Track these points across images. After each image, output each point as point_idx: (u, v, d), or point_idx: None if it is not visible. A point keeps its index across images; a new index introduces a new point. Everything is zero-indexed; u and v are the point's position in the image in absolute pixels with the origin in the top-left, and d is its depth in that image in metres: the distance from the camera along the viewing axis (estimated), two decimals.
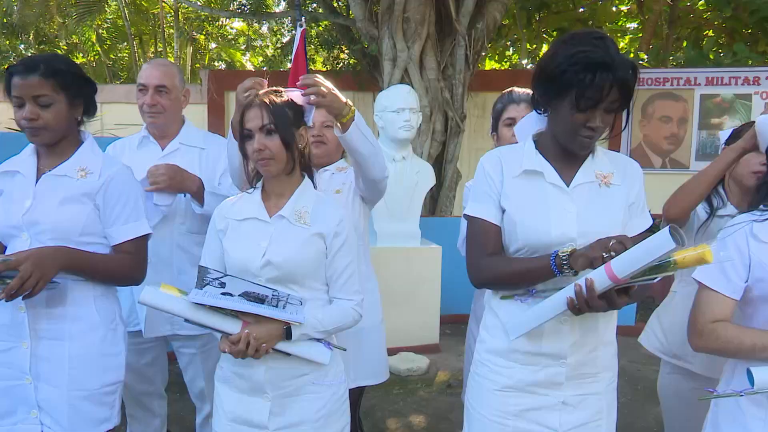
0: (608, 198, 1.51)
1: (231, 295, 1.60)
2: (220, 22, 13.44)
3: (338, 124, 1.94)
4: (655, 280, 1.31)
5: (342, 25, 6.65)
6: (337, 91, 1.87)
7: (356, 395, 2.65)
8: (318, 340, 1.70)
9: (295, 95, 1.77)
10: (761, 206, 1.58)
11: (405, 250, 4.38)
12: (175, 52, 12.78)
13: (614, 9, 10.81)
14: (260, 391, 1.70)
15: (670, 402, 2.17)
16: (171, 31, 12.92)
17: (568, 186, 1.51)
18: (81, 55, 13.50)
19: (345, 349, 1.80)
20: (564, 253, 1.38)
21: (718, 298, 1.53)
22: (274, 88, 1.77)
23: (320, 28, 8.00)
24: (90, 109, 1.88)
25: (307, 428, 1.71)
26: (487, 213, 1.55)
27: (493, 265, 1.53)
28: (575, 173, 1.52)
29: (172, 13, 12.77)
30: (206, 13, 10.58)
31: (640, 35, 10.40)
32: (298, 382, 1.71)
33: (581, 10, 9.78)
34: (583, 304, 1.33)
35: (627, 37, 11.91)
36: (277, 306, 1.61)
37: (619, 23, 11.33)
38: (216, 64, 16.76)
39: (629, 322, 4.76)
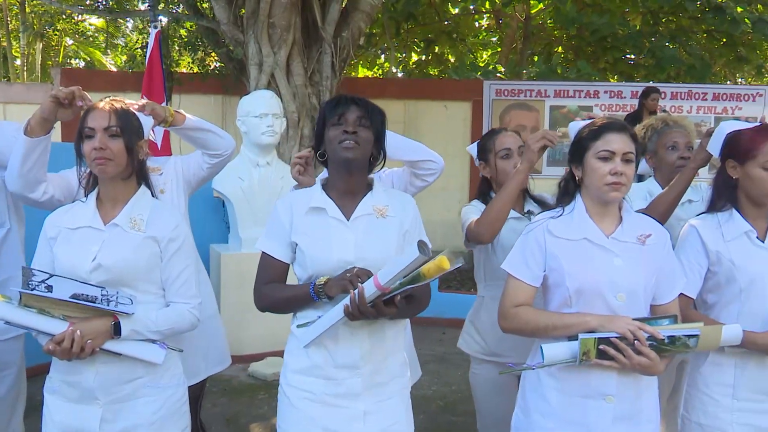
0: (384, 228, 1.70)
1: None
2: (77, 18, 12.55)
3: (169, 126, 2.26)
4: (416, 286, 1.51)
5: (207, 28, 6.50)
6: (155, 104, 2.18)
7: (196, 393, 2.66)
8: (153, 341, 1.70)
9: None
10: (558, 206, 1.81)
11: None
12: (21, 47, 11.73)
13: (476, 24, 11.51)
14: (91, 398, 1.67)
15: (482, 391, 2.31)
16: (18, 23, 11.86)
17: (348, 219, 1.69)
18: None
19: (182, 350, 1.81)
20: (319, 283, 1.60)
21: (521, 285, 1.75)
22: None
23: (183, 31, 7.76)
24: None
25: None
26: (273, 249, 1.72)
27: (269, 291, 1.71)
28: (355, 207, 1.71)
29: (18, 5, 11.72)
30: (55, 8, 9.80)
31: (499, 49, 11.16)
32: (132, 386, 1.70)
33: (446, 22, 10.32)
34: (356, 311, 1.51)
35: (489, 51, 12.73)
36: (108, 306, 1.59)
37: (480, 37, 12.07)
38: (74, 62, 15.62)
39: None
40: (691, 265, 1.87)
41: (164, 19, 7.18)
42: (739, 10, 7.42)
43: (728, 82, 11.07)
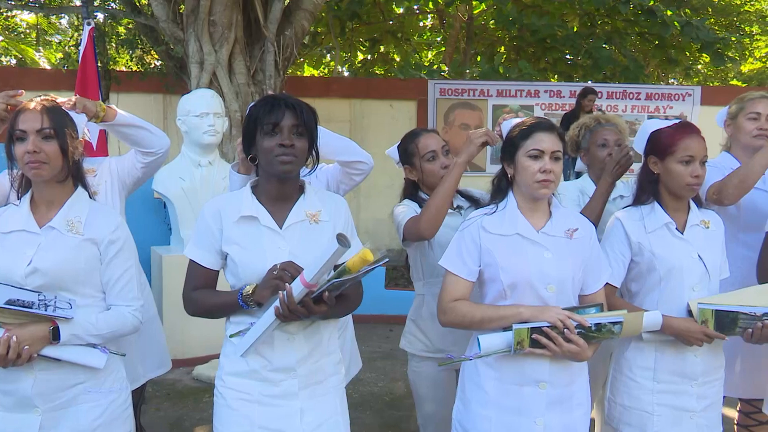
0: (317, 233, 1.69)
1: None
2: (8, 14, 11.97)
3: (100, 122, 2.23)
4: (341, 287, 1.55)
5: (145, 25, 6.33)
6: (85, 99, 2.14)
7: (135, 398, 2.60)
8: (94, 346, 1.66)
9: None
10: (492, 203, 1.87)
11: None
12: None
13: (420, 24, 11.63)
14: (29, 406, 1.62)
15: (424, 387, 2.31)
16: None
17: (281, 227, 1.67)
18: None
19: (124, 354, 1.78)
20: (247, 292, 1.59)
21: (458, 281, 1.81)
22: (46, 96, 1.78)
23: (121, 29, 7.53)
24: None
25: None
26: (201, 258, 1.70)
27: (198, 298, 1.70)
28: (288, 214, 1.69)
29: None
30: None
31: (443, 49, 11.32)
32: (73, 392, 1.66)
33: (391, 22, 10.39)
34: (286, 311, 1.51)
35: (433, 50, 12.88)
36: (46, 311, 1.55)
37: (425, 37, 12.20)
38: (5, 59, 14.91)
39: None
40: (616, 255, 1.97)
41: (100, 16, 6.96)
42: (669, 13, 7.76)
43: (661, 83, 11.56)
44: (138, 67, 7.21)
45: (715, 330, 1.86)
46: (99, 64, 5.06)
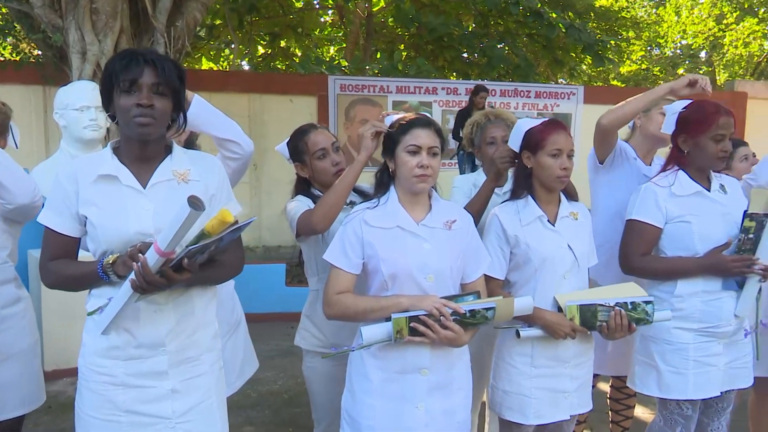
0: (186, 193, 1.56)
1: None
2: None
3: None
4: (206, 252, 1.46)
5: (20, 11, 5.86)
6: None
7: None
8: None
9: None
10: (375, 196, 1.90)
11: None
12: None
13: (321, 19, 11.59)
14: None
15: (318, 383, 2.29)
16: None
17: (144, 187, 1.59)
18: None
19: None
20: (108, 262, 1.51)
21: (342, 274, 1.83)
22: None
23: None
24: None
25: None
26: (56, 224, 1.59)
27: (56, 269, 1.60)
28: (152, 174, 1.61)
29: None
30: None
31: (344, 45, 11.35)
32: None
33: (291, 16, 10.27)
34: (143, 283, 1.41)
35: (335, 46, 12.88)
36: None
37: (326, 32, 12.17)
38: None
39: None
40: (495, 249, 2.07)
41: None
42: (554, 16, 8.23)
43: (552, 82, 12.23)
44: (13, 57, 6.66)
45: (580, 324, 2.00)
46: None
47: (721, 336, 2.16)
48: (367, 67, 9.27)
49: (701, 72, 16.70)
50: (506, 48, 10.21)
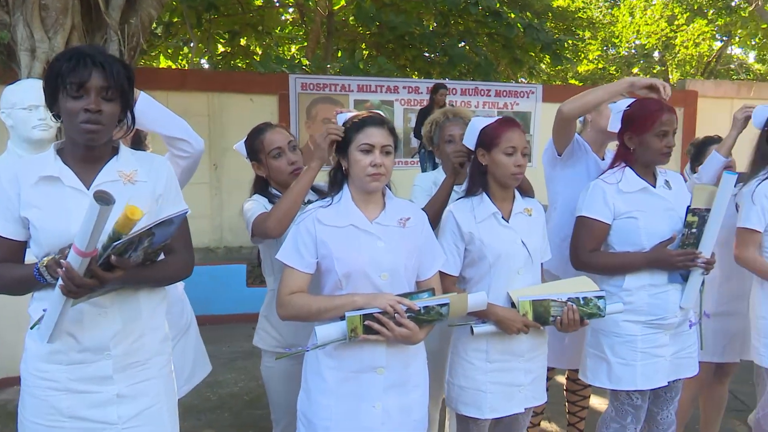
0: (133, 194, 1.58)
1: None
2: None
3: None
4: (139, 250, 1.42)
5: None
6: None
7: None
8: None
9: None
10: (329, 195, 1.90)
11: None
12: None
13: (282, 17, 11.49)
14: None
15: (276, 383, 2.29)
16: None
17: (88, 188, 1.56)
18: None
19: None
20: (42, 265, 1.47)
21: (295, 273, 1.82)
22: None
23: None
24: None
25: None
26: (1, 228, 1.55)
27: None
28: (96, 175, 1.59)
29: None
30: None
31: (306, 44, 11.28)
32: None
33: (251, 14, 10.15)
34: (72, 287, 1.37)
35: (296, 45, 12.79)
36: None
37: (287, 31, 12.08)
38: None
39: None
40: (450, 246, 2.09)
41: None
42: (513, 16, 8.35)
43: (512, 81, 12.40)
44: None
45: (534, 320, 2.04)
46: None
47: (667, 327, 2.23)
48: (329, 66, 9.24)
49: (654, 71, 17.21)
50: (467, 47, 10.32)
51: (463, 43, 10.28)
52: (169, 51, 10.99)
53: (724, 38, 15.75)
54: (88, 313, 1.52)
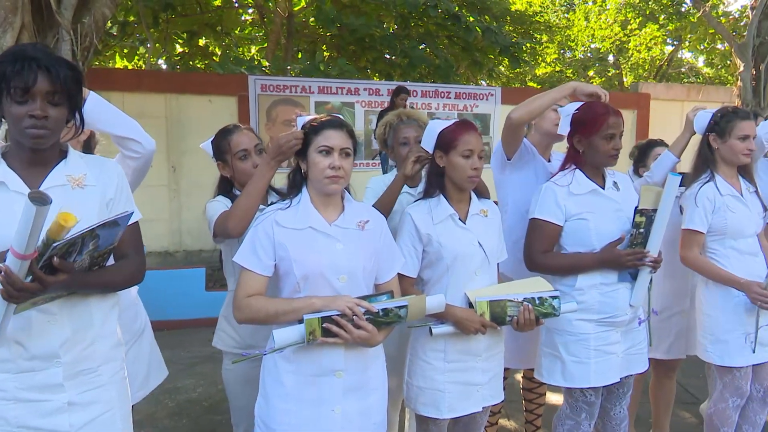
0: (81, 199, 1.57)
1: None
2: None
3: None
4: (84, 253, 1.41)
5: None
6: None
7: None
8: None
9: None
10: (288, 197, 1.90)
11: None
12: None
13: (241, 18, 11.36)
14: None
15: (236, 385, 2.29)
16: None
17: None
18: None
19: None
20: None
21: (252, 276, 1.81)
22: None
23: None
24: None
25: None
26: None
27: None
28: (44, 179, 1.55)
29: None
30: None
31: (266, 45, 11.17)
32: None
33: (209, 14, 10.00)
34: (12, 292, 1.33)
35: (256, 46, 12.66)
36: None
37: (246, 32, 11.95)
38: None
39: None
40: (408, 248, 2.11)
41: None
42: (471, 19, 8.46)
43: (472, 83, 12.55)
44: None
45: (491, 320, 2.08)
46: None
47: (618, 325, 2.30)
48: (289, 67, 9.19)
49: (609, 74, 17.67)
50: (427, 49, 10.40)
51: (423, 46, 10.36)
52: (125, 51, 10.74)
53: (675, 42, 16.29)
54: (36, 320, 1.49)
